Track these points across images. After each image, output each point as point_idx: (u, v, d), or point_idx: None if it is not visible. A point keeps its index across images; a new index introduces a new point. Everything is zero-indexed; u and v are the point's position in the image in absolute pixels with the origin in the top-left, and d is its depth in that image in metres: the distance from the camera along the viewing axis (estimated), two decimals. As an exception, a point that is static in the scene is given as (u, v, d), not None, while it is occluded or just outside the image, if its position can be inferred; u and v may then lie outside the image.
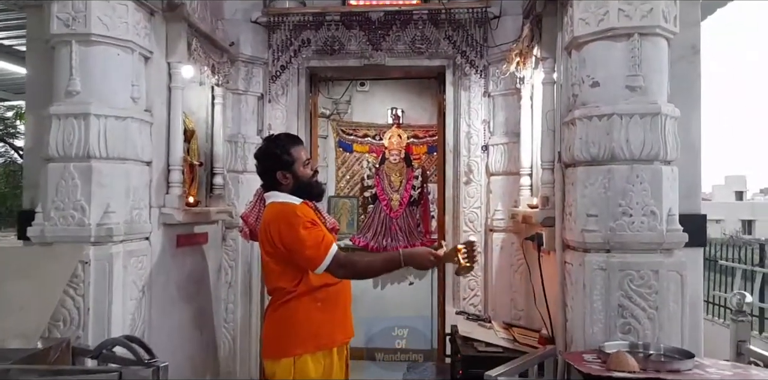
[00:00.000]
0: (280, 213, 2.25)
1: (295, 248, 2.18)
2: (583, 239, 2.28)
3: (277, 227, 2.21)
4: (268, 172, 2.39)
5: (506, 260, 3.49)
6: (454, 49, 3.55)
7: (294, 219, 2.19)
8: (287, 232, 2.19)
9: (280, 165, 2.34)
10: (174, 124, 2.82)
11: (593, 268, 2.25)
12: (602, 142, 2.27)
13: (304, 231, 2.17)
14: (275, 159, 2.36)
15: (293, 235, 2.17)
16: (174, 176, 2.80)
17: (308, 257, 2.17)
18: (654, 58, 2.30)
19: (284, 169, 2.34)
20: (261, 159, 2.42)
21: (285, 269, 2.28)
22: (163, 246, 2.77)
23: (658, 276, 2.21)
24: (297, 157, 2.36)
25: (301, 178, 2.37)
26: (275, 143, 2.40)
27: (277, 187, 2.38)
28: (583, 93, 2.39)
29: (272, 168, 2.36)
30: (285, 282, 2.29)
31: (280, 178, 2.35)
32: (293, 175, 2.35)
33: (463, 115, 3.63)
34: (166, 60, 2.80)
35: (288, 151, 2.35)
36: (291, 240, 2.18)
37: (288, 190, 2.36)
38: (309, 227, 2.20)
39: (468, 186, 3.65)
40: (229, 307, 3.56)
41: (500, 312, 3.48)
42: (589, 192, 2.31)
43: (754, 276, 6.73)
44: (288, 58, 3.57)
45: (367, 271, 2.29)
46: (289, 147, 2.37)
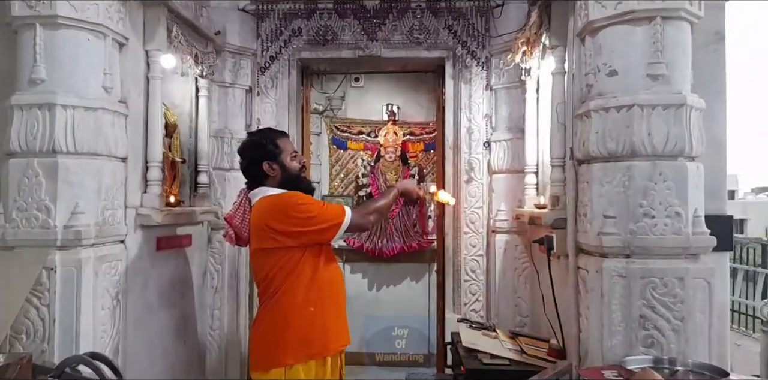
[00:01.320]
0: (276, 203, 2.17)
1: (312, 222, 2.12)
2: (600, 243, 2.07)
3: (278, 215, 2.13)
4: (253, 164, 2.28)
5: (510, 263, 3.28)
6: (454, 39, 3.34)
7: (294, 200, 2.15)
8: (293, 213, 2.12)
9: (266, 155, 2.26)
10: (152, 116, 2.60)
11: (612, 275, 2.05)
12: (621, 136, 2.07)
13: (311, 203, 2.17)
14: (261, 149, 2.27)
15: (302, 212, 2.12)
16: (152, 173, 2.58)
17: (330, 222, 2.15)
18: (677, 43, 2.10)
19: (270, 160, 2.25)
20: (245, 151, 2.32)
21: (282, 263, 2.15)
22: (140, 250, 2.55)
23: (684, 284, 2.01)
24: (284, 148, 2.30)
25: (288, 170, 2.28)
26: (260, 134, 2.35)
27: (264, 181, 2.27)
28: (599, 83, 2.18)
29: (258, 159, 2.27)
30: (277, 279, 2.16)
31: (267, 169, 2.25)
32: (280, 167, 2.26)
33: (463, 109, 3.43)
34: (143, 47, 2.57)
35: (274, 142, 2.28)
36: (301, 217, 2.11)
37: (276, 183, 2.26)
38: (314, 201, 2.21)
39: (469, 184, 3.44)
40: (215, 314, 3.33)
41: (504, 318, 3.27)
42: (607, 192, 2.10)
43: (756, 278, 6.57)
44: (278, 49, 3.34)
45: (382, 209, 2.35)
46: (275, 138, 2.31)
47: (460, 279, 3.43)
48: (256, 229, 2.20)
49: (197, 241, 3.15)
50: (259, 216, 2.20)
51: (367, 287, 5.22)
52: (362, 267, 5.21)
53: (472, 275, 3.41)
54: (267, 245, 2.16)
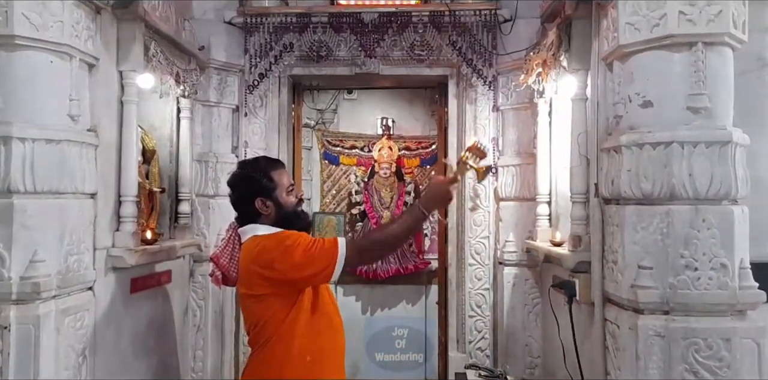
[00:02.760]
0: (268, 243, 1.89)
1: (302, 266, 1.83)
2: (635, 297, 1.83)
3: (267, 259, 1.85)
4: (244, 200, 2.01)
5: (519, 299, 3.04)
6: (458, 56, 3.09)
7: (286, 240, 1.87)
8: (280, 257, 1.84)
9: (260, 191, 1.98)
10: (127, 145, 2.32)
11: (648, 334, 1.82)
12: (658, 177, 1.84)
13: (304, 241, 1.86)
14: (253, 184, 1.98)
15: (289, 255, 1.83)
16: (126, 209, 2.30)
17: (320, 266, 1.83)
18: (720, 72, 1.88)
19: (264, 196, 1.97)
20: (236, 185, 2.04)
21: (273, 311, 1.90)
22: (112, 295, 2.27)
23: (730, 346, 1.78)
24: (279, 182, 2.00)
25: (284, 207, 2.00)
26: (253, 167, 2.04)
27: (256, 218, 2.00)
28: (630, 114, 1.95)
29: (250, 195, 1.98)
30: (269, 328, 1.91)
31: (260, 206, 1.98)
32: (275, 203, 1.98)
33: (468, 131, 3.18)
34: (117, 68, 2.30)
35: (268, 175, 1.99)
36: (290, 262, 1.83)
37: (270, 221, 1.99)
38: (307, 239, 1.88)
39: (474, 212, 3.19)
40: (198, 355, 3.05)
41: (513, 359, 3.03)
42: (642, 239, 1.87)
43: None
44: (267, 65, 3.06)
45: (394, 239, 1.92)
46: (270, 170, 2.01)
47: (464, 315, 3.17)
48: (245, 273, 1.95)
49: (178, 277, 2.87)
50: (247, 259, 1.95)
51: (360, 311, 4.95)
52: (355, 290, 4.95)
53: (478, 310, 3.16)
54: (256, 292, 1.92)
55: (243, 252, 1.99)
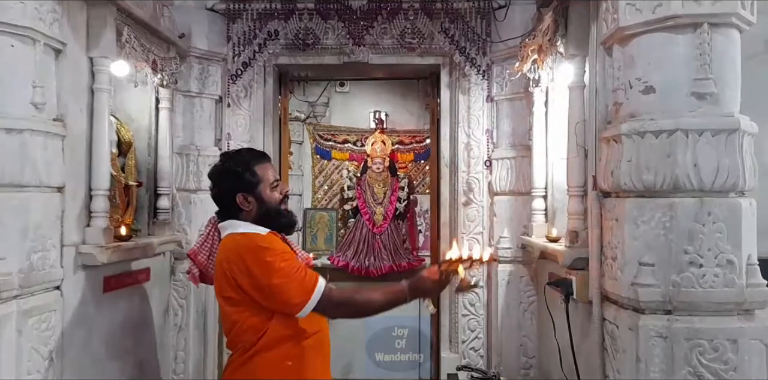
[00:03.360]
0: (242, 247, 1.76)
1: (271, 291, 1.70)
2: (636, 295, 1.72)
3: (241, 266, 1.72)
4: (225, 194, 1.87)
5: (514, 297, 2.92)
6: (451, 44, 2.96)
7: (262, 253, 1.71)
8: (256, 271, 1.70)
9: (241, 186, 1.84)
10: (98, 135, 2.19)
11: (650, 335, 1.70)
12: (661, 167, 1.72)
13: (281, 263, 1.70)
14: (235, 178, 1.84)
15: (265, 274, 1.70)
16: (97, 203, 2.18)
17: (288, 300, 1.70)
18: (727, 55, 1.76)
19: (246, 192, 1.84)
20: (217, 179, 1.90)
21: (249, 318, 1.77)
22: (83, 295, 2.15)
23: (737, 347, 1.67)
24: (263, 176, 1.86)
25: (267, 203, 1.86)
26: (235, 159, 1.89)
27: (237, 214, 1.86)
28: (631, 101, 1.83)
29: (231, 190, 1.84)
30: (249, 335, 1.78)
31: (241, 202, 1.84)
32: (257, 199, 1.84)
33: (461, 122, 3.05)
34: (86, 54, 2.17)
35: (251, 169, 1.85)
36: (262, 281, 1.70)
37: (251, 218, 1.85)
38: (287, 260, 1.73)
39: (467, 207, 3.07)
40: (180, 355, 2.92)
41: (507, 359, 2.91)
42: (643, 233, 1.75)
43: None
44: (251, 54, 2.93)
45: (368, 308, 1.80)
46: (254, 164, 1.87)
47: (457, 314, 3.06)
48: (219, 272, 1.83)
49: (157, 275, 2.75)
50: (221, 257, 1.83)
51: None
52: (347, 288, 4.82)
53: (471, 309, 3.04)
54: (225, 293, 1.80)
55: (220, 249, 1.87)
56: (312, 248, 4.95)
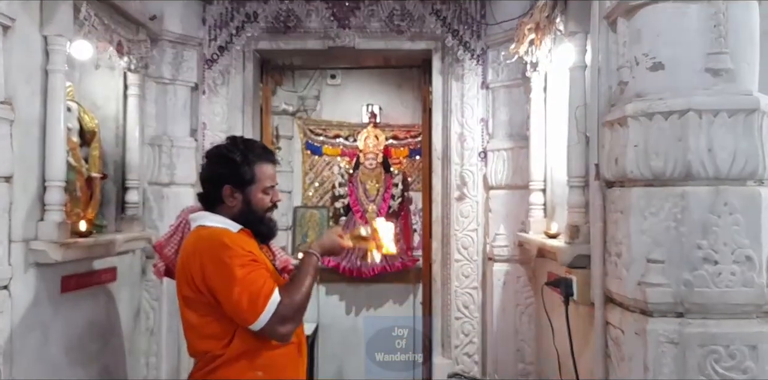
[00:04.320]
0: (203, 241, 1.62)
1: (224, 295, 1.55)
2: (644, 296, 1.53)
3: (198, 262, 1.58)
4: (214, 180, 1.71)
5: (510, 298, 2.73)
6: (443, 27, 2.77)
7: (222, 252, 1.57)
8: (213, 270, 1.57)
9: (233, 179, 1.68)
10: (53, 120, 2.00)
11: (659, 341, 1.52)
12: (671, 152, 1.54)
13: (239, 270, 1.54)
14: (230, 168, 1.68)
15: (217, 275, 1.56)
16: (52, 195, 1.99)
17: (240, 309, 1.54)
18: (744, 27, 1.58)
19: (235, 186, 1.68)
20: (212, 160, 1.74)
21: (210, 323, 1.61)
22: (35, 295, 1.96)
23: (757, 354, 1.49)
24: (260, 177, 1.71)
25: (252, 206, 1.71)
26: (240, 148, 1.71)
27: (217, 204, 1.71)
28: (637, 79, 1.65)
29: (221, 177, 1.69)
30: (211, 342, 1.62)
31: (226, 194, 1.68)
32: (244, 198, 1.69)
33: (454, 111, 2.87)
34: (40, 32, 1.98)
35: (251, 165, 1.69)
36: (218, 282, 1.56)
37: (230, 213, 1.69)
38: (246, 265, 1.57)
39: (461, 202, 2.89)
40: (151, 361, 2.74)
41: (503, 365, 2.73)
42: (651, 227, 1.57)
43: None
44: (228, 37, 2.75)
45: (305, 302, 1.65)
46: (256, 161, 1.71)
47: (450, 316, 2.87)
48: (178, 268, 1.68)
49: (125, 275, 2.56)
50: (183, 252, 1.68)
51: (344, 311, 4.64)
52: (339, 289, 4.64)
53: (465, 311, 2.86)
54: (187, 293, 1.63)
55: (185, 242, 1.71)
56: (302, 248, 4.78)
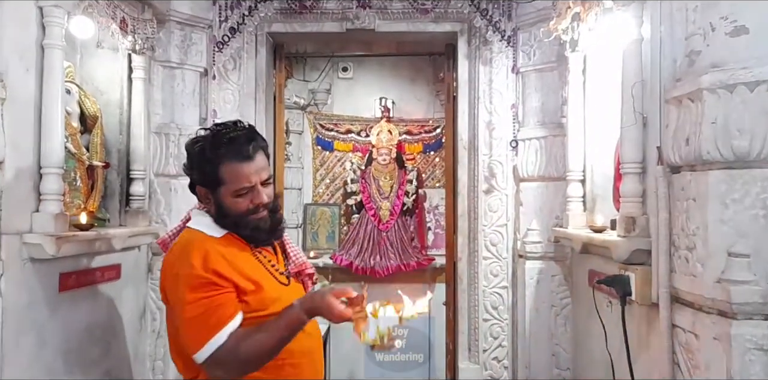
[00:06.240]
0: (177, 245, 1.52)
1: (175, 314, 1.45)
2: (726, 296, 1.32)
3: (164, 272, 1.50)
4: (190, 177, 1.57)
5: (544, 299, 2.53)
6: (471, 6, 2.58)
7: (183, 270, 1.41)
8: (171, 287, 1.46)
9: (200, 180, 1.52)
10: (50, 100, 1.81)
11: (745, 348, 1.31)
12: (758, 129, 1.34)
13: (190, 294, 1.38)
14: (195, 166, 1.51)
15: (176, 295, 1.43)
16: (49, 183, 1.80)
17: (184, 335, 1.41)
18: (841, -16, 1.36)
19: (204, 186, 1.51)
20: (188, 153, 1.55)
21: None
22: (30, 294, 1.77)
23: None
24: (228, 180, 1.45)
25: (225, 210, 1.48)
26: (209, 140, 1.48)
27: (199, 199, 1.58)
28: (712, 47, 1.44)
29: (191, 176, 1.56)
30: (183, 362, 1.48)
31: (201, 195, 1.54)
32: (215, 201, 1.49)
33: (482, 97, 2.67)
34: (35, 3, 1.79)
35: (216, 164, 1.44)
36: (173, 300, 1.45)
37: (212, 214, 1.53)
38: (198, 288, 1.38)
39: (489, 195, 2.68)
40: (158, 366, 2.54)
41: (536, 371, 2.52)
42: (733, 215, 1.36)
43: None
44: (240, 18, 2.55)
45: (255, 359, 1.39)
46: (223, 160, 1.44)
47: (477, 318, 2.67)
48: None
49: (131, 272, 2.36)
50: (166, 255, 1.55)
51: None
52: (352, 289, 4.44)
53: (494, 313, 2.65)
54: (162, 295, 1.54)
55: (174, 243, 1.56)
56: (312, 246, 4.60)
